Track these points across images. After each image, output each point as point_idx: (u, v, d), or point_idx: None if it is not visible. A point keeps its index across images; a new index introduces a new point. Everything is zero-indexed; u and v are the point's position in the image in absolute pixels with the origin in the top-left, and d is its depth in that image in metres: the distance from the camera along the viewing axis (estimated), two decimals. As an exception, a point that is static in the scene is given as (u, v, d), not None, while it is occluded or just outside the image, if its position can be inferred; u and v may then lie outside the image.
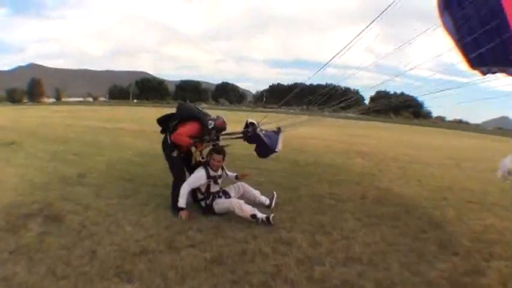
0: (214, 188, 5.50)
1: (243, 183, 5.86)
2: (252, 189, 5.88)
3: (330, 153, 12.45)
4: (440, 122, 66.53)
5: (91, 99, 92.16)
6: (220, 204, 5.31)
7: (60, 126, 18.04)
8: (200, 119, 5.72)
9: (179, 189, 5.43)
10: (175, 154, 5.65)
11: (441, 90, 4.75)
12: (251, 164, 8.23)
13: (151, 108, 47.74)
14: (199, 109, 6.04)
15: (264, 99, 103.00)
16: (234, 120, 6.75)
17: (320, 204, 6.18)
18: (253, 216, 5.06)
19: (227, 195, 5.65)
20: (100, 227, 4.68)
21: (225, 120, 5.79)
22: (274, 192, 5.89)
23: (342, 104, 6.88)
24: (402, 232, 5.06)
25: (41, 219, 4.84)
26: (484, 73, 4.69)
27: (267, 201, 5.84)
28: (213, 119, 5.73)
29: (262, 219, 5.06)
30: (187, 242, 4.39)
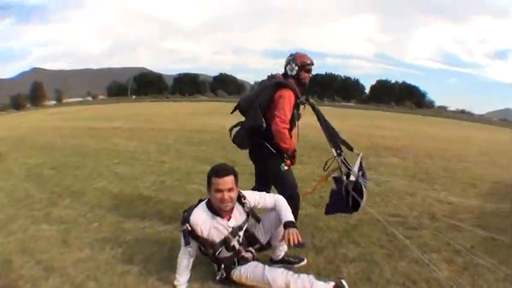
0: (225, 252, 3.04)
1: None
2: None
3: (359, 150, 10.02)
4: (443, 112, 64.04)
5: (90, 98, 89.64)
6: (246, 278, 3.01)
7: (51, 130, 15.84)
8: (281, 83, 3.48)
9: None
10: (285, 167, 3.52)
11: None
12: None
13: (148, 103, 45.66)
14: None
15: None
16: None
17: (388, 238, 4.05)
18: None
19: (254, 243, 3.20)
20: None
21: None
22: (345, 283, 2.90)
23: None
24: (506, 277, 3.16)
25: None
26: None
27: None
28: (291, 59, 3.61)
29: None
30: None
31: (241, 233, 3.07)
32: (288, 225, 2.94)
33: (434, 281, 3.11)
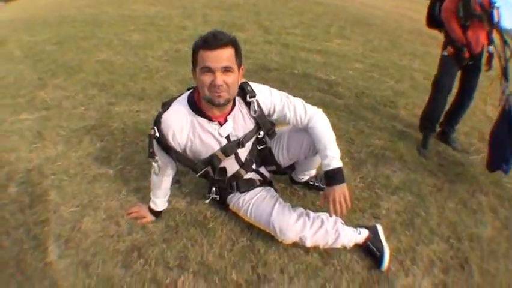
0: (230, 168, 2.14)
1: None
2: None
3: (404, 35, 8.57)
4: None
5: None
6: (244, 214, 2.17)
7: (72, 1, 13.99)
8: None
9: (434, 108, 3.47)
10: (445, 52, 3.35)
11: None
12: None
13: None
14: None
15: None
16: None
17: (439, 160, 3.37)
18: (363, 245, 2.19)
19: (270, 163, 2.34)
20: None
21: None
22: (378, 226, 2.28)
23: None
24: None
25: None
26: None
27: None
28: None
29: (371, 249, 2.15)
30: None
31: (241, 151, 2.09)
32: (333, 178, 1.94)
33: (476, 239, 2.52)
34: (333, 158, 1.93)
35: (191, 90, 1.95)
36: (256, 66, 5.07)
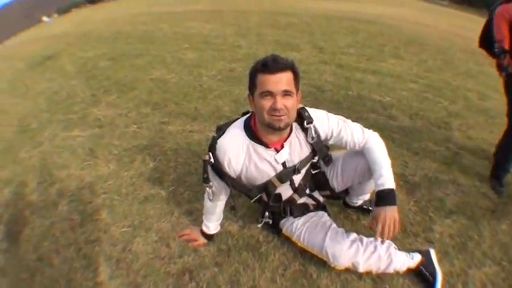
0: (284, 193, 2.22)
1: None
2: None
3: (457, 54, 8.34)
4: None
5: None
6: (298, 239, 2.20)
7: (127, 17, 15.47)
8: None
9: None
10: (510, 69, 3.00)
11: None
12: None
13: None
14: None
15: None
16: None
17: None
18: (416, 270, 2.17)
19: (324, 188, 2.37)
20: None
21: None
22: (431, 250, 2.31)
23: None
24: None
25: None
26: None
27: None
28: None
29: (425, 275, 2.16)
30: None
31: (296, 178, 2.13)
32: (385, 199, 1.94)
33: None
34: (388, 180, 1.95)
35: (247, 116, 2.00)
36: (310, 87, 5.15)
